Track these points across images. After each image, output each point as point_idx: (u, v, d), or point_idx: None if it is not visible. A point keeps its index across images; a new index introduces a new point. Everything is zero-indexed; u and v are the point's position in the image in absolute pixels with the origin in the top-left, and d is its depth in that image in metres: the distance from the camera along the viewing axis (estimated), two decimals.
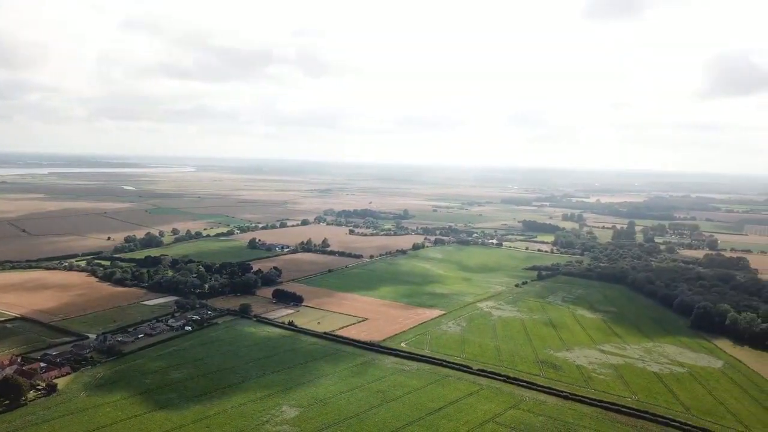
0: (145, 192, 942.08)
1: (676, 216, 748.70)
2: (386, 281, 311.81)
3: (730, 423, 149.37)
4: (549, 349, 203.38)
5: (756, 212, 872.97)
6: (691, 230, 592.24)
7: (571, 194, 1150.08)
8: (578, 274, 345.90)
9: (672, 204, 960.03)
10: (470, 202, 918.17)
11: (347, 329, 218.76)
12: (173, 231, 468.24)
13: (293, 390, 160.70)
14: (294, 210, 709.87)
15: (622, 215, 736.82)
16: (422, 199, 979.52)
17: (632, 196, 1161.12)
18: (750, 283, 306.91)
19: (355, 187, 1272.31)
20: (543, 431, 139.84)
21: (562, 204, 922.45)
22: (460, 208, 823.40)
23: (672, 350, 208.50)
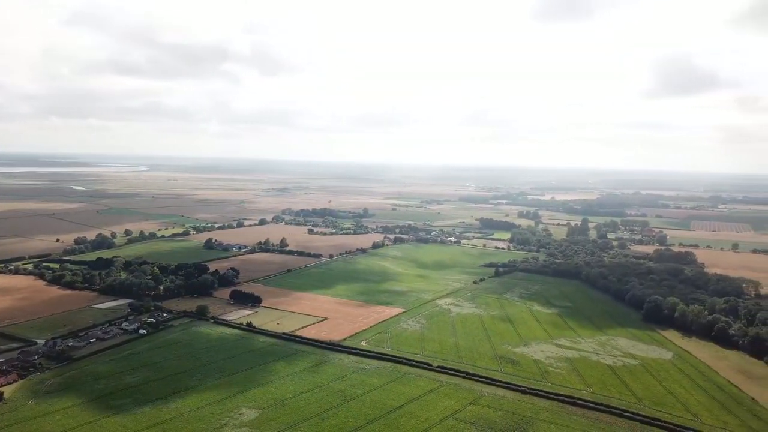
0: (95, 192, 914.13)
1: (627, 213, 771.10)
2: (346, 280, 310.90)
3: (680, 412, 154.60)
4: (507, 345, 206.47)
5: (702, 208, 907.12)
6: (641, 226, 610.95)
7: (527, 192, 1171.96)
8: (534, 271, 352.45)
9: (623, 201, 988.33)
10: (429, 200, 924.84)
11: (307, 329, 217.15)
12: (126, 232, 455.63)
13: (252, 391, 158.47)
14: (251, 209, 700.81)
15: (576, 212, 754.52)
16: (381, 197, 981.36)
17: (586, 193, 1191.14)
18: (697, 277, 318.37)
19: (313, 185, 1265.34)
20: (502, 426, 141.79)
21: (518, 202, 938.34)
22: (419, 206, 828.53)
23: (625, 343, 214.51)
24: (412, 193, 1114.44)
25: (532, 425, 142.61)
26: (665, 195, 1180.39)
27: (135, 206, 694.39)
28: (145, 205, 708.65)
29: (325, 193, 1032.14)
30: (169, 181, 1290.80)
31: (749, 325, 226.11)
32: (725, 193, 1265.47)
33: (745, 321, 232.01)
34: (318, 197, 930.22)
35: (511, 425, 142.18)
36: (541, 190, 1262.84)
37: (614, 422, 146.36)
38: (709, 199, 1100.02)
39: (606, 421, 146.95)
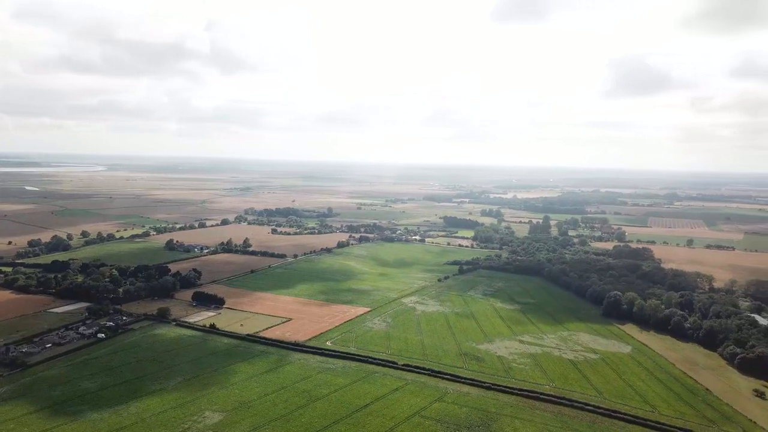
0: (50, 192, 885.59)
1: (587, 210, 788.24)
2: (311, 280, 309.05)
3: (639, 404, 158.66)
4: (471, 342, 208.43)
5: (658, 206, 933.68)
6: (601, 223, 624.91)
7: (490, 190, 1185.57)
8: (497, 268, 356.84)
9: (583, 199, 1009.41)
10: (393, 199, 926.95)
11: (271, 330, 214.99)
12: (83, 233, 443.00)
13: (215, 394, 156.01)
14: (213, 209, 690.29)
15: (538, 210, 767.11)
16: (346, 196, 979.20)
17: (547, 191, 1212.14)
18: (654, 272, 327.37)
19: (276, 185, 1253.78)
20: (467, 422, 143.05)
21: (481, 200, 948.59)
22: (384, 205, 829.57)
23: (585, 338, 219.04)
24: (377, 192, 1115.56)
25: (496, 420, 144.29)
26: (623, 193, 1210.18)
27: (92, 207, 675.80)
28: (103, 206, 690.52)
29: (288, 193, 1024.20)
30: (127, 181, 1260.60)
31: (703, 318, 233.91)
32: (680, 190, 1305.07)
33: (699, 314, 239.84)
34: (281, 196, 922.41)
35: (476, 421, 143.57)
36: (503, 188, 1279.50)
37: (576, 415, 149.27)
38: (665, 196, 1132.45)
39: (568, 414, 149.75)
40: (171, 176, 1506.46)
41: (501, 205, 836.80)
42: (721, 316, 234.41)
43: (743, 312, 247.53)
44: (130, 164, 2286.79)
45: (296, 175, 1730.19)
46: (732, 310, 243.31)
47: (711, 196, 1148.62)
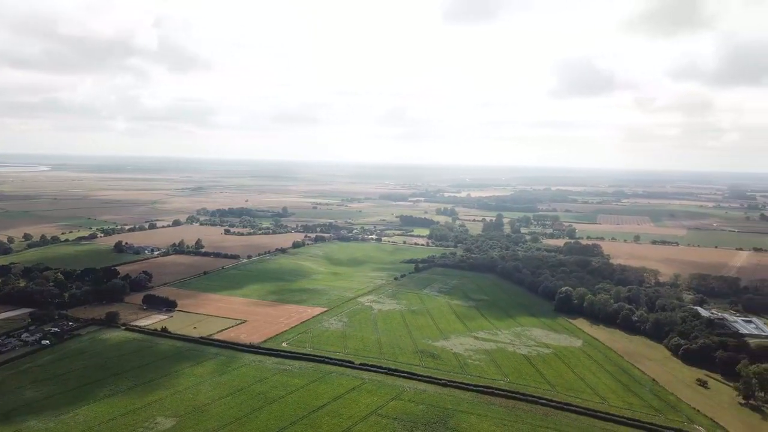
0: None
1: (538, 208, 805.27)
2: (265, 281, 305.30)
3: (590, 396, 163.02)
4: (427, 339, 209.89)
5: (607, 203, 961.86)
6: (552, 221, 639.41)
7: (444, 189, 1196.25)
8: (453, 266, 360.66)
9: (535, 197, 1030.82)
10: (349, 198, 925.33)
11: (226, 332, 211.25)
12: (25, 236, 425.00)
13: (168, 399, 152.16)
14: (163, 210, 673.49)
15: (491, 208, 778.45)
16: (301, 196, 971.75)
17: (499, 190, 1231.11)
18: (603, 268, 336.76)
19: (229, 184, 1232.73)
20: (424, 419, 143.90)
21: (436, 199, 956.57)
22: (340, 204, 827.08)
23: (538, 333, 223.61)
24: (332, 191, 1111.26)
25: (452, 417, 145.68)
26: (573, 191, 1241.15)
27: (35, 208, 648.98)
28: (47, 207, 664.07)
29: (242, 192, 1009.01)
30: (73, 181, 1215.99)
31: (650, 311, 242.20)
32: (627, 188, 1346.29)
33: (646, 308, 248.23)
34: (234, 196, 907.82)
35: (433, 418, 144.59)
36: (457, 187, 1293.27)
37: (530, 409, 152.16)
38: (613, 194, 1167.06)
39: (522, 408, 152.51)
40: (119, 176, 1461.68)
41: (455, 203, 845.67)
42: (666, 309, 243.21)
43: (687, 305, 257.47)
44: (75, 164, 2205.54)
45: (250, 175, 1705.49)
46: (676, 303, 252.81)
47: (656, 194, 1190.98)
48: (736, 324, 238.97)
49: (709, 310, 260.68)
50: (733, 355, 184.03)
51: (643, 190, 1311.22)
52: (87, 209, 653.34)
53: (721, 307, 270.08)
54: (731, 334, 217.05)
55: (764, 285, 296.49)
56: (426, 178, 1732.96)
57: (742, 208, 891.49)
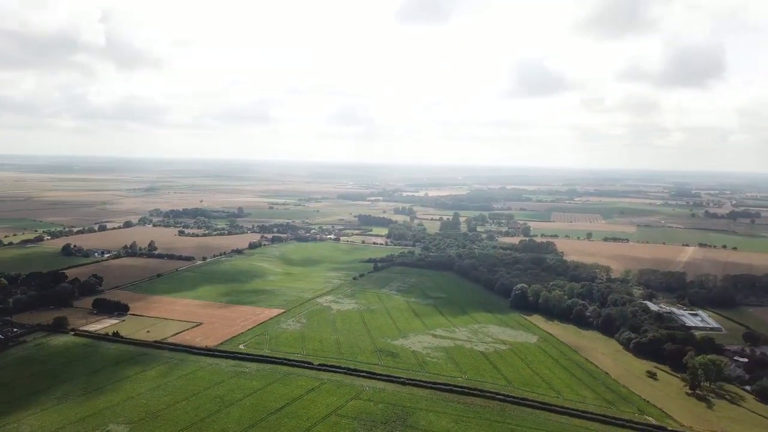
0: None
1: (494, 207, 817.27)
2: (221, 283, 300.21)
3: (545, 390, 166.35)
4: (386, 338, 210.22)
5: (560, 201, 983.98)
6: (507, 219, 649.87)
7: (402, 189, 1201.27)
8: (411, 264, 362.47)
9: (491, 196, 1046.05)
10: (306, 198, 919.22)
11: (180, 336, 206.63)
12: None
13: (120, 406, 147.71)
14: (114, 211, 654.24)
15: (448, 207, 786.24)
16: (256, 195, 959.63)
17: (456, 189, 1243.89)
18: (557, 265, 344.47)
19: (182, 184, 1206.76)
20: (383, 418, 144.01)
21: (394, 198, 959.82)
22: (297, 204, 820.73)
23: (495, 330, 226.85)
24: (289, 190, 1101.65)
25: (412, 415, 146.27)
26: (528, 189, 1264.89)
27: None
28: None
29: (195, 192, 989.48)
30: (16, 181, 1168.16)
31: (602, 306, 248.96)
32: (579, 186, 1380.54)
33: (598, 303, 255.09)
34: (188, 197, 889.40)
35: (392, 416, 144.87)
36: (415, 186, 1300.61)
37: (487, 405, 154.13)
38: (566, 192, 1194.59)
39: (480, 404, 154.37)
40: (66, 176, 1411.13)
41: (413, 203, 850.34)
42: (618, 304, 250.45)
43: (637, 300, 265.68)
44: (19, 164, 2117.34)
45: (203, 174, 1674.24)
46: (627, 298, 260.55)
47: (607, 192, 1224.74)
48: (683, 317, 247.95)
49: (657, 304, 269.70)
50: (681, 347, 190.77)
51: (595, 188, 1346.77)
52: (32, 211, 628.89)
53: (669, 301, 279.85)
54: (678, 327, 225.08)
55: (709, 279, 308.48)
56: (384, 177, 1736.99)
57: (687, 205, 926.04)
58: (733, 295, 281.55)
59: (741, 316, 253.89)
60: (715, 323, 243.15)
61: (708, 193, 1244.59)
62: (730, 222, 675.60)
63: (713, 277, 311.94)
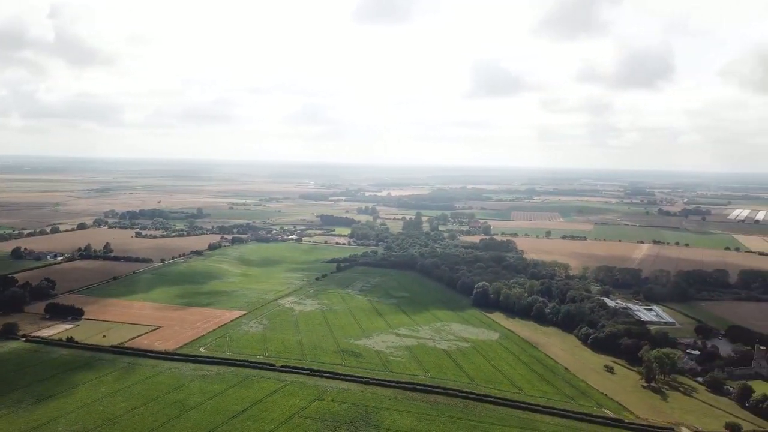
0: None
1: (455, 206, 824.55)
2: (180, 285, 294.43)
3: (507, 387, 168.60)
4: (350, 339, 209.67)
5: (520, 200, 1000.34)
6: (468, 218, 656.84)
7: (365, 189, 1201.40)
8: (374, 264, 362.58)
9: (452, 195, 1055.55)
10: (268, 198, 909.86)
11: (138, 340, 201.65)
12: None
13: (76, 413, 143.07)
14: (67, 212, 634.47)
15: (411, 207, 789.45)
16: (216, 196, 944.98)
17: (419, 189, 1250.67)
18: (518, 263, 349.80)
19: (138, 185, 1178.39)
20: (347, 418, 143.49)
21: (356, 198, 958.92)
22: (258, 204, 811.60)
23: (458, 327, 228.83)
24: (250, 190, 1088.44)
25: (375, 414, 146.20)
26: (488, 189, 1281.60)
27: None
28: None
29: (153, 193, 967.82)
30: None
31: (561, 303, 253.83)
32: (538, 186, 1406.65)
33: (558, 300, 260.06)
34: (145, 197, 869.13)
35: (356, 416, 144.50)
36: (378, 186, 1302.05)
37: (451, 402, 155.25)
38: (526, 191, 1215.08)
39: (443, 402, 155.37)
40: (15, 177, 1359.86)
41: (376, 202, 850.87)
42: (576, 300, 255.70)
43: (594, 296, 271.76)
44: None
45: (161, 174, 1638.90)
46: (585, 295, 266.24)
47: (565, 191, 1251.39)
48: (638, 312, 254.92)
49: (614, 300, 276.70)
50: (637, 342, 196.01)
51: (554, 187, 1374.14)
52: None
53: (625, 297, 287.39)
54: (634, 321, 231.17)
55: (663, 275, 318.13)
56: (346, 177, 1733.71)
57: (642, 203, 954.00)
58: (685, 290, 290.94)
59: (693, 311, 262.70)
60: (669, 318, 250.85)
61: (661, 191, 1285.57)
62: (682, 219, 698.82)
63: (667, 273, 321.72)
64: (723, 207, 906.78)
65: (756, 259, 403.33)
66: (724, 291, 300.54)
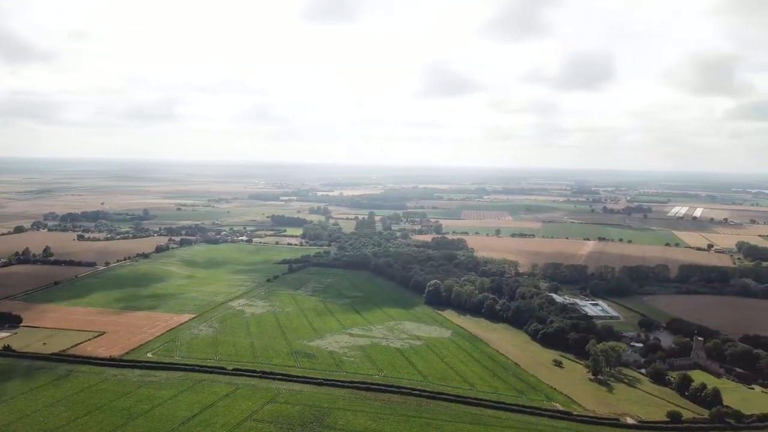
0: None
1: (408, 205, 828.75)
2: (126, 289, 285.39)
3: (459, 383, 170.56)
4: (303, 340, 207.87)
5: (470, 199, 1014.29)
6: (420, 217, 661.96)
7: (317, 188, 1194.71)
8: (327, 264, 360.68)
9: (404, 195, 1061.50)
10: (217, 198, 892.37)
11: (81, 347, 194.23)
12: None
13: (14, 425, 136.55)
14: (3, 215, 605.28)
15: (363, 207, 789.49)
16: (163, 197, 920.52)
17: (371, 188, 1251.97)
18: (469, 261, 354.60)
19: (81, 186, 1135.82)
20: (300, 420, 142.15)
21: (308, 198, 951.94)
22: (206, 205, 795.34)
23: (410, 326, 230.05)
24: (198, 191, 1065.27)
25: (329, 415, 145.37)
26: (439, 188, 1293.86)
27: None
28: None
29: (96, 194, 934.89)
30: None
31: (511, 299, 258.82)
32: (488, 185, 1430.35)
33: (508, 297, 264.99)
34: (88, 199, 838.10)
35: (310, 418, 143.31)
36: (330, 186, 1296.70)
37: (404, 401, 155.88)
38: (476, 191, 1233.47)
39: (397, 401, 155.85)
40: None
41: (328, 202, 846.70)
42: (526, 297, 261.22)
43: (543, 292, 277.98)
44: None
45: (105, 175, 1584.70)
46: (534, 291, 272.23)
47: (514, 190, 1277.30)
48: (585, 307, 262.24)
49: (562, 296, 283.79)
50: (584, 336, 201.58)
51: (503, 186, 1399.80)
52: None
53: (572, 292, 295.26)
54: (581, 316, 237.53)
55: (607, 271, 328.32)
56: (298, 176, 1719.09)
57: (587, 202, 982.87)
58: (628, 285, 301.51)
59: (636, 305, 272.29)
60: (614, 312, 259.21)
61: (605, 190, 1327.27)
62: (626, 217, 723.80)
63: (611, 269, 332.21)
64: (663, 204, 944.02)
65: (694, 254, 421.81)
66: (665, 285, 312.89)
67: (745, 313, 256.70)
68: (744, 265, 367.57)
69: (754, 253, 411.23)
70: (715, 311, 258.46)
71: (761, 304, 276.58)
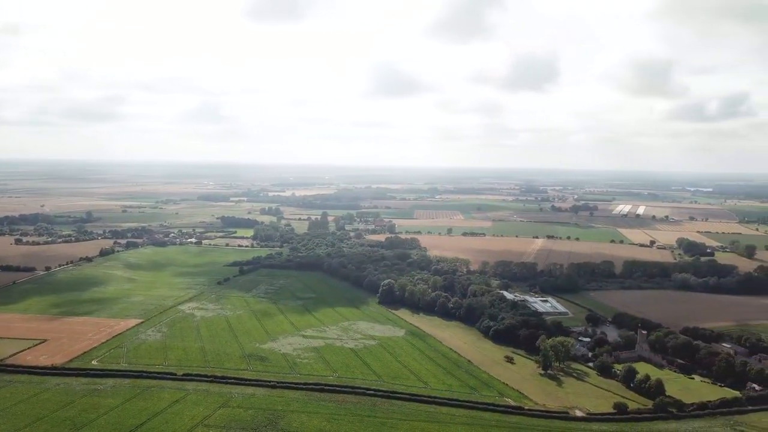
0: None
1: (361, 205, 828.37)
2: (68, 294, 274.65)
3: (414, 382, 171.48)
4: (255, 343, 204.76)
5: (422, 199, 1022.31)
6: (374, 217, 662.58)
7: (268, 189, 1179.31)
8: (279, 266, 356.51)
9: (357, 195, 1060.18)
10: (164, 200, 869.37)
11: (21, 355, 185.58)
12: None
13: None
14: None
15: (316, 207, 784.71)
16: (108, 198, 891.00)
17: (324, 188, 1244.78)
18: (422, 260, 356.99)
19: (18, 188, 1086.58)
20: (253, 424, 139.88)
21: (259, 199, 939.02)
22: (154, 206, 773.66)
23: (364, 326, 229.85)
24: (145, 192, 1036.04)
25: (283, 418, 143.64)
26: (392, 188, 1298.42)
27: None
28: None
29: (35, 196, 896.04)
30: None
31: (463, 297, 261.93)
32: (440, 185, 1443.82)
33: (460, 295, 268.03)
34: (27, 201, 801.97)
35: (263, 421, 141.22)
36: (281, 186, 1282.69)
37: (359, 401, 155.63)
38: (428, 190, 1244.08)
39: (352, 401, 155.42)
40: None
41: (280, 203, 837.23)
42: (477, 294, 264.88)
43: (494, 290, 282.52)
44: None
45: (44, 176, 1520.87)
46: (486, 289, 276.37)
47: (465, 189, 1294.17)
48: (535, 304, 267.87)
49: (513, 293, 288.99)
50: (534, 332, 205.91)
51: (454, 186, 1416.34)
52: None
53: (522, 290, 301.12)
54: (531, 313, 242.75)
55: (556, 268, 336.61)
56: (248, 177, 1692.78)
57: (536, 200, 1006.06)
58: (576, 282, 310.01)
59: (584, 300, 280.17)
60: (563, 308, 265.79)
61: (553, 188, 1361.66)
62: (573, 215, 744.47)
63: (560, 266, 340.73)
64: (608, 203, 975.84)
65: (637, 250, 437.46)
66: (610, 281, 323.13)
67: (685, 307, 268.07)
68: (684, 260, 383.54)
69: (693, 248, 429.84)
70: (657, 305, 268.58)
71: (700, 298, 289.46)
